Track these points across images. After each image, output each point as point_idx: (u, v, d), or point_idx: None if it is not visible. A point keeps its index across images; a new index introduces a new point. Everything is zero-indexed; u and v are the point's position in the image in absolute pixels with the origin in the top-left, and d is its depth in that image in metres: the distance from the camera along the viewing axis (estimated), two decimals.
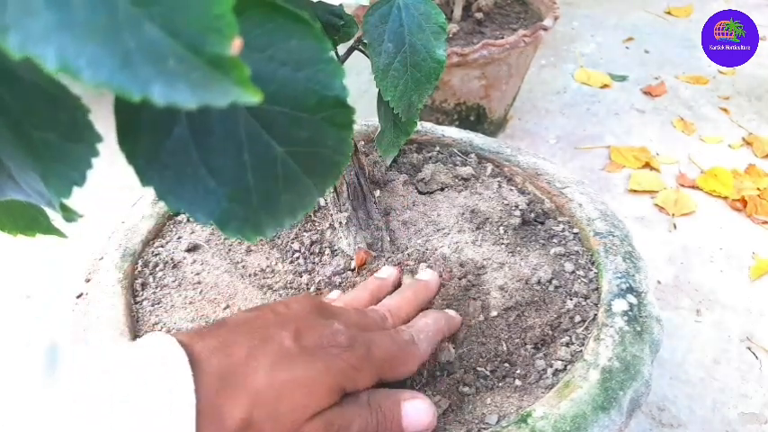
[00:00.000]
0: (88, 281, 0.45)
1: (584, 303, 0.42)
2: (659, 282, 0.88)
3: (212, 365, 0.27)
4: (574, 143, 1.18)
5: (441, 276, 0.44)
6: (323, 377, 0.29)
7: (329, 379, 0.29)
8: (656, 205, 1.02)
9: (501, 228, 0.48)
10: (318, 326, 0.31)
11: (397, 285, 0.43)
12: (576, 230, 0.48)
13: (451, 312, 0.41)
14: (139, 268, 0.46)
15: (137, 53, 0.12)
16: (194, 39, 0.12)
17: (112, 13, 0.13)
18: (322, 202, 0.48)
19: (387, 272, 0.44)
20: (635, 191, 1.05)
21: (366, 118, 0.61)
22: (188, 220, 0.51)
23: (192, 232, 0.49)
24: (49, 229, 0.27)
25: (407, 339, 0.35)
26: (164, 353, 0.26)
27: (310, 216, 0.49)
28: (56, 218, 0.23)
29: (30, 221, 0.26)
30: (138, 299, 0.44)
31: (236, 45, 0.13)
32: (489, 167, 0.55)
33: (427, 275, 0.43)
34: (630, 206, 1.02)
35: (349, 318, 0.34)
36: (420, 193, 0.52)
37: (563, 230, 0.49)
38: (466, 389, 0.38)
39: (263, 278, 0.45)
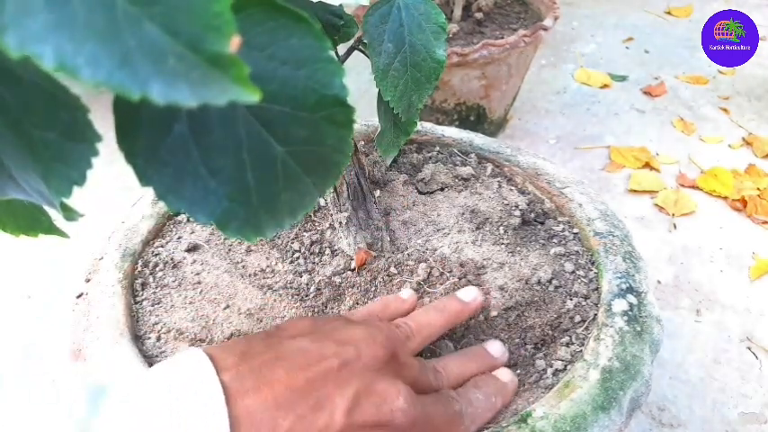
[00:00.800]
0: (88, 281, 0.45)
1: (584, 303, 0.42)
2: (659, 282, 0.88)
3: None
4: (574, 143, 1.18)
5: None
6: None
7: None
8: (656, 205, 1.02)
9: (501, 228, 0.48)
10: (380, 394, 0.29)
11: (478, 312, 0.41)
12: (576, 230, 0.48)
13: (505, 377, 0.37)
14: (139, 268, 0.46)
15: (136, 52, 0.12)
16: (193, 37, 0.12)
17: (111, 12, 0.13)
18: (322, 202, 0.48)
19: (470, 294, 0.40)
20: (635, 191, 1.05)
21: (366, 118, 0.61)
22: (188, 220, 0.51)
23: (192, 232, 0.49)
24: (51, 228, 0.27)
25: (457, 411, 0.32)
26: (200, 414, 0.24)
27: (310, 216, 0.49)
28: (57, 217, 0.23)
29: (32, 221, 0.26)
30: (138, 299, 0.44)
31: (234, 43, 0.13)
32: (489, 167, 0.55)
33: (498, 351, 0.39)
34: (630, 206, 1.02)
35: (412, 374, 0.32)
36: (420, 193, 0.52)
37: (563, 230, 0.49)
38: None
39: (263, 278, 0.45)
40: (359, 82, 1.23)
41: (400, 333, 0.35)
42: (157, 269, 0.46)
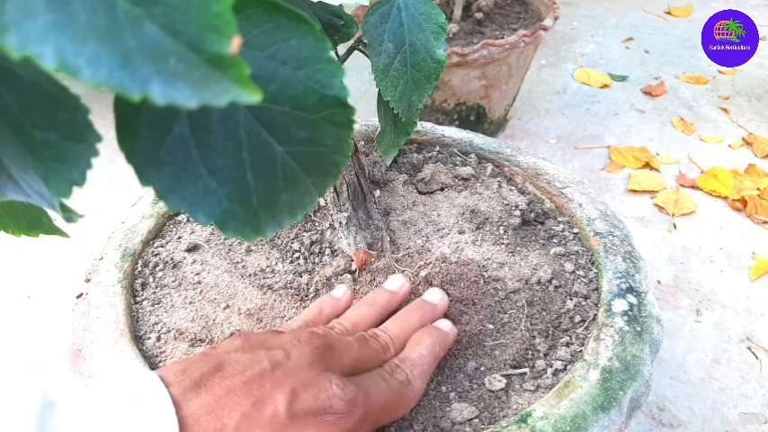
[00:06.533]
0: (88, 281, 0.45)
1: (584, 303, 0.42)
2: (659, 282, 0.88)
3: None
4: (574, 143, 1.18)
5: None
6: None
7: None
8: (656, 205, 1.02)
9: (501, 228, 0.48)
10: (316, 385, 0.30)
11: (407, 298, 0.42)
12: (576, 230, 0.48)
13: (445, 326, 0.39)
14: (139, 268, 0.46)
15: (137, 52, 0.12)
16: (194, 37, 0.12)
17: (112, 12, 0.13)
18: (322, 202, 0.48)
19: (397, 283, 0.42)
20: (635, 191, 1.05)
21: (366, 118, 0.61)
22: (188, 220, 0.51)
23: (192, 232, 0.49)
24: (52, 229, 0.27)
25: (402, 381, 0.34)
26: (153, 416, 0.26)
27: (310, 216, 0.49)
28: (57, 217, 0.23)
29: (32, 222, 0.27)
30: (138, 299, 0.44)
31: (235, 43, 0.13)
32: (489, 167, 0.55)
33: (435, 297, 0.40)
34: (630, 206, 1.02)
35: (351, 356, 0.34)
36: (420, 193, 0.52)
37: (563, 230, 0.49)
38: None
39: (263, 278, 0.45)
40: (359, 82, 1.23)
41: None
42: (157, 269, 0.46)
